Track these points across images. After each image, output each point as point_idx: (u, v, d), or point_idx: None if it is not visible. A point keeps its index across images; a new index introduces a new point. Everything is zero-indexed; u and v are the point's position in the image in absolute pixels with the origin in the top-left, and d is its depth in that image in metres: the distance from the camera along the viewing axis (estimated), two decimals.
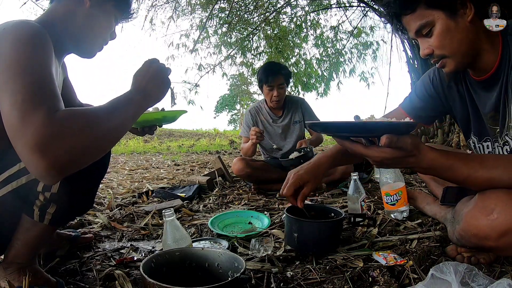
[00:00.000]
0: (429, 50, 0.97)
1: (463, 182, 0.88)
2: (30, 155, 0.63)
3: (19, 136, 0.64)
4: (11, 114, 0.66)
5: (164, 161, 4.89)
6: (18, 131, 0.64)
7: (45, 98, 0.68)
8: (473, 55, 0.97)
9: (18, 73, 0.69)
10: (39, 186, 0.86)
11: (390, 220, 1.54)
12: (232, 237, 1.42)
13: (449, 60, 0.97)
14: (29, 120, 0.64)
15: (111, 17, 1.05)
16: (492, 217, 0.83)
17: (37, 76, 0.71)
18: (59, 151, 0.64)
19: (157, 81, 0.91)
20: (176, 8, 5.63)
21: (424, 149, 0.83)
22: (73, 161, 0.68)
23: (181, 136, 10.84)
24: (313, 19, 6.46)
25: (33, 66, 0.72)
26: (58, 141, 0.64)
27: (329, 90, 7.10)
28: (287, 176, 1.26)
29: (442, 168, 0.85)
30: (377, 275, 0.99)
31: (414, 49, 4.23)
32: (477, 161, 0.86)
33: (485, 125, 1.08)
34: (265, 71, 2.48)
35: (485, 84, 1.02)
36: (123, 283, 1.02)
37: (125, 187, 2.72)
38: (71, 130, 0.67)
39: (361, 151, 0.83)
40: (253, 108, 2.68)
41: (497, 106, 1.00)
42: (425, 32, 0.95)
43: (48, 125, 0.64)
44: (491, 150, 1.10)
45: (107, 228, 1.61)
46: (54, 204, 0.89)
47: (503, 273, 1.00)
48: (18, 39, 0.74)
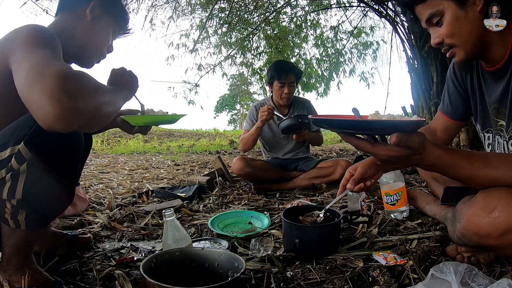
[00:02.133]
0: (439, 39, 0.99)
1: (466, 180, 0.88)
2: (48, 99, 0.68)
3: (39, 83, 0.69)
4: (32, 69, 0.72)
5: (164, 161, 4.89)
6: (38, 79, 0.70)
7: (59, 61, 0.77)
8: (483, 46, 0.98)
9: (34, 47, 0.78)
10: (4, 193, 0.82)
11: (390, 220, 1.54)
12: (232, 237, 1.42)
13: (458, 49, 0.99)
14: (51, 69, 0.71)
15: (110, 31, 1.15)
16: (494, 215, 0.83)
17: (52, 48, 0.81)
18: (75, 100, 0.70)
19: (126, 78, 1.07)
20: (176, 8, 5.62)
21: (429, 147, 0.84)
22: (83, 115, 0.72)
23: (181, 136, 10.83)
24: (313, 19, 6.45)
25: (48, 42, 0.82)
26: (75, 91, 0.71)
27: (329, 90, 7.09)
28: (348, 168, 1.17)
29: (446, 166, 0.86)
30: (377, 275, 0.99)
31: (414, 49, 4.23)
32: (480, 160, 0.86)
33: (489, 116, 1.10)
34: (277, 68, 2.50)
35: (494, 75, 1.04)
36: (123, 283, 1.02)
37: (125, 187, 2.72)
38: (87, 84, 0.75)
39: (367, 148, 0.84)
40: (259, 104, 2.70)
41: (501, 98, 1.02)
42: (436, 21, 0.97)
43: (69, 73, 0.72)
44: (491, 142, 1.11)
45: (107, 228, 1.61)
46: (23, 210, 0.85)
47: (503, 273, 1.00)
48: (34, 28, 0.85)
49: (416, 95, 4.35)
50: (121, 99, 0.99)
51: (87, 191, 2.55)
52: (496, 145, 1.10)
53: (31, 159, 0.80)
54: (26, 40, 0.81)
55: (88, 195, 2.31)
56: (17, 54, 0.79)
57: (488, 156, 0.90)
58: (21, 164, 0.80)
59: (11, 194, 0.81)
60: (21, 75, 0.74)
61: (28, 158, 0.80)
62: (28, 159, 0.80)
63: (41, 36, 0.83)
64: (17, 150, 0.79)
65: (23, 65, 0.75)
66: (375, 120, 0.81)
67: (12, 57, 0.81)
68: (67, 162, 0.89)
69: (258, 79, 7.18)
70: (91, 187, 2.71)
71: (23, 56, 0.78)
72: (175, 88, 6.09)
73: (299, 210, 1.38)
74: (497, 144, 1.09)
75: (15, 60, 0.79)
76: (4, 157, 0.80)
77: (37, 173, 0.81)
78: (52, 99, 0.68)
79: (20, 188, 0.81)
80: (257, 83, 7.77)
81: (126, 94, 1.04)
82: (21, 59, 0.78)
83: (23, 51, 0.79)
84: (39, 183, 0.83)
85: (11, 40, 0.84)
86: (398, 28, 4.66)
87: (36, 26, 0.87)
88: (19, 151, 0.79)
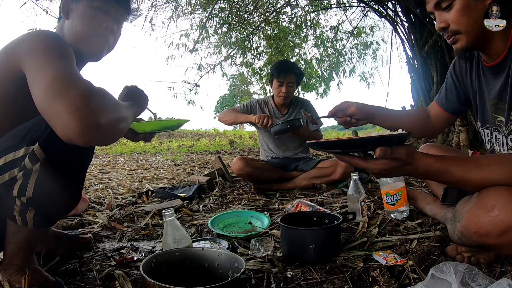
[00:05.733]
0: (444, 24, 1.00)
1: (459, 183, 0.91)
2: (72, 115, 0.71)
3: (64, 98, 0.72)
4: (55, 82, 0.75)
5: (164, 161, 4.89)
6: (63, 94, 0.73)
7: (80, 76, 0.80)
8: (485, 38, 1.00)
9: (55, 58, 0.80)
10: (14, 190, 0.83)
11: (390, 220, 1.54)
12: (232, 237, 1.42)
13: (462, 36, 1.00)
14: (76, 86, 0.75)
15: (95, 15, 1.06)
16: (493, 213, 0.83)
17: (72, 63, 0.83)
18: (98, 117, 0.74)
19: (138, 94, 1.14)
20: (176, 8, 5.63)
21: (418, 156, 0.88)
22: (103, 131, 0.77)
23: (181, 136, 10.84)
24: (313, 19, 6.46)
25: (66, 56, 0.83)
26: (98, 108, 0.75)
27: (329, 90, 7.09)
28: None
29: (437, 172, 0.89)
30: (377, 275, 0.99)
31: (414, 49, 4.23)
32: (470, 162, 0.90)
33: (488, 111, 1.11)
34: (278, 67, 2.53)
35: (493, 71, 1.05)
36: (123, 283, 1.02)
37: (125, 187, 2.72)
38: (108, 101, 0.80)
39: (360, 164, 0.89)
40: (261, 99, 2.73)
41: (500, 94, 1.03)
42: (445, 6, 0.99)
43: (93, 91, 0.76)
44: (490, 138, 1.12)
45: (107, 228, 1.61)
46: (32, 208, 0.87)
47: (503, 273, 1.00)
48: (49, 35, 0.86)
49: (416, 95, 4.36)
50: (132, 116, 1.03)
51: (87, 191, 2.56)
52: (495, 141, 1.10)
53: (44, 160, 0.82)
54: (43, 48, 0.82)
55: (88, 195, 2.32)
56: (32, 61, 0.80)
57: (478, 158, 0.94)
58: (34, 164, 0.82)
59: (21, 191, 0.83)
60: (41, 86, 0.76)
61: (42, 158, 0.82)
62: (41, 159, 0.82)
63: (57, 44, 0.84)
64: (31, 151, 0.82)
65: (42, 76, 0.77)
66: (357, 138, 0.86)
67: (26, 61, 0.82)
68: (77, 166, 0.92)
69: (258, 79, 7.18)
70: (91, 187, 2.71)
71: (40, 65, 0.79)
72: (175, 88, 6.10)
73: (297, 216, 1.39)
74: (496, 140, 1.09)
75: (30, 66, 0.81)
76: (18, 156, 0.82)
77: (49, 174, 0.83)
78: (77, 115, 0.71)
79: (31, 186, 0.83)
80: (257, 83, 7.78)
81: (137, 111, 1.10)
82: (37, 67, 0.79)
83: (40, 59, 0.80)
84: (50, 183, 0.86)
85: (25, 43, 0.85)
86: (398, 28, 4.66)
87: (51, 33, 0.88)
88: (33, 152, 0.82)
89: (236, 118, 2.55)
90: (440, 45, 3.77)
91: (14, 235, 0.93)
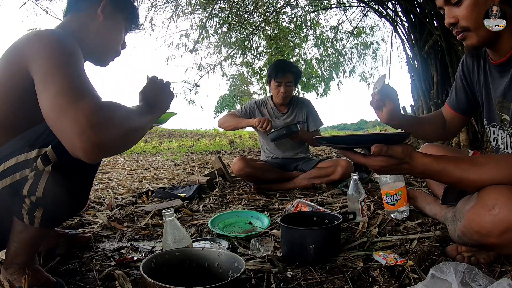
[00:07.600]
0: (454, 20, 1.00)
1: (457, 183, 0.92)
2: (77, 134, 0.71)
3: (69, 115, 0.72)
4: (60, 97, 0.74)
5: (164, 161, 4.89)
6: (68, 111, 0.72)
7: (90, 87, 0.79)
8: (494, 35, 0.99)
9: (63, 67, 0.79)
10: (24, 189, 0.84)
11: (390, 220, 1.54)
12: (232, 237, 1.42)
13: (471, 33, 1.00)
14: (81, 102, 0.73)
15: (122, 29, 1.14)
16: (494, 212, 0.83)
17: (80, 70, 0.82)
18: (106, 131, 0.74)
19: (162, 96, 1.07)
20: (176, 8, 5.63)
21: (416, 156, 0.89)
22: (110, 147, 0.77)
23: (181, 136, 10.84)
24: (313, 19, 6.46)
25: (75, 62, 0.82)
26: (105, 126, 0.74)
27: (329, 90, 7.10)
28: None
29: (435, 172, 0.90)
30: (377, 275, 0.99)
31: (414, 49, 4.23)
32: (467, 161, 0.91)
33: (494, 109, 1.11)
34: (275, 67, 2.52)
35: (499, 69, 1.06)
36: (123, 283, 1.02)
37: (125, 187, 2.72)
38: (116, 116, 0.79)
39: (361, 160, 0.92)
40: (259, 100, 2.72)
41: (505, 93, 1.03)
42: (455, 1, 0.99)
43: (99, 107, 0.75)
44: (496, 136, 1.12)
45: (107, 228, 1.61)
46: (41, 208, 0.88)
47: (503, 273, 1.00)
48: (58, 38, 0.84)
49: (416, 95, 4.35)
50: (150, 122, 1.00)
51: None
52: (500, 140, 1.10)
53: (56, 162, 0.84)
54: (50, 55, 0.80)
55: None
56: (39, 68, 0.80)
57: (475, 157, 0.95)
58: (46, 165, 0.83)
59: (31, 191, 0.85)
60: (46, 99, 0.76)
61: (54, 161, 0.84)
62: (53, 162, 0.84)
63: (65, 48, 0.83)
64: (43, 152, 0.83)
65: (48, 88, 0.76)
66: (358, 135, 0.93)
67: (33, 66, 0.81)
68: (87, 170, 0.93)
69: (258, 79, 7.19)
70: (91, 187, 2.71)
71: (47, 74, 0.78)
72: (175, 88, 6.10)
73: (296, 216, 1.38)
74: (501, 138, 1.10)
75: (37, 72, 0.80)
76: (30, 157, 0.83)
77: (59, 176, 0.85)
78: (82, 135, 0.71)
79: (42, 187, 0.84)
80: (257, 83, 7.78)
81: (158, 114, 1.05)
82: (44, 75, 0.78)
83: (47, 67, 0.79)
84: (60, 185, 0.87)
85: (32, 45, 0.84)
86: (398, 28, 4.66)
87: (58, 36, 0.86)
88: (45, 154, 0.83)
89: (237, 124, 2.54)
90: (440, 45, 3.77)
91: (19, 234, 0.93)
